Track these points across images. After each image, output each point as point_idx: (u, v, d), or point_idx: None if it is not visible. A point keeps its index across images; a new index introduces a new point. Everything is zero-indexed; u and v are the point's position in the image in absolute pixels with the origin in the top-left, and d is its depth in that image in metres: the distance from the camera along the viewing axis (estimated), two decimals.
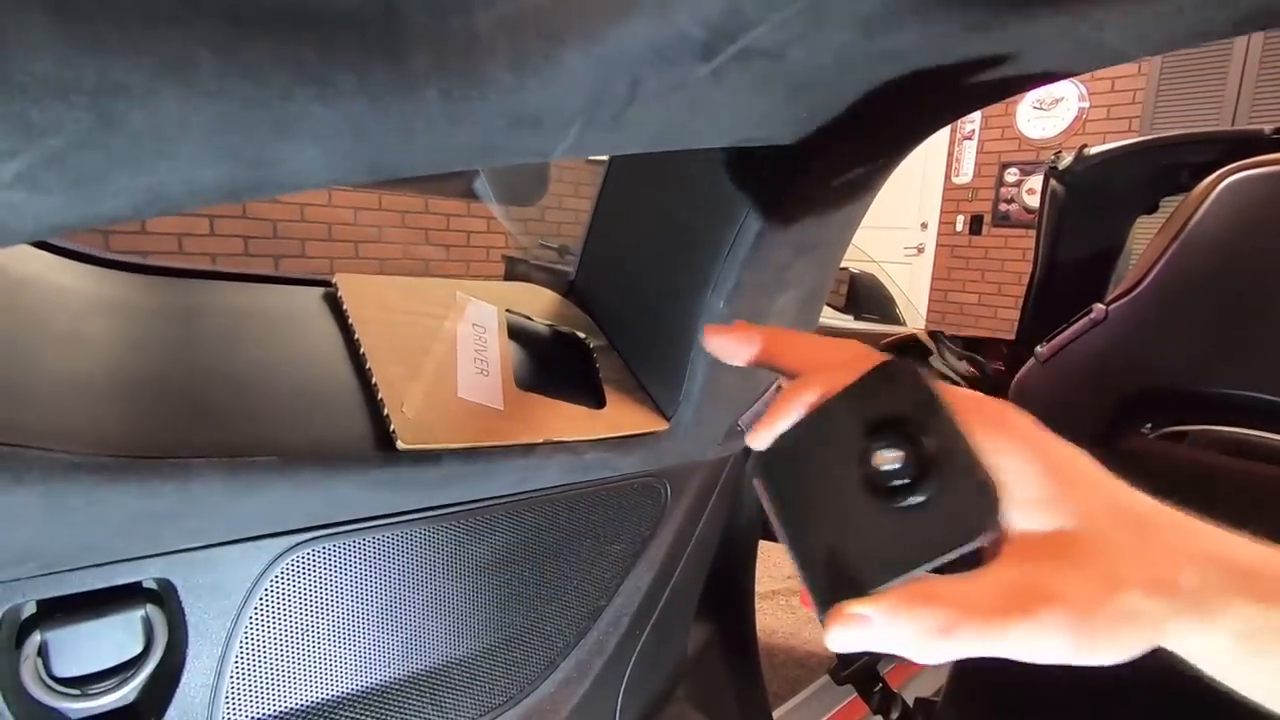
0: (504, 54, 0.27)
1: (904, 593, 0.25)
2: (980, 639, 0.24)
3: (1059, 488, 0.25)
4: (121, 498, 0.35)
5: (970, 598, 0.24)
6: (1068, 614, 0.23)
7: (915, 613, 0.24)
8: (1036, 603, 0.23)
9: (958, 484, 0.24)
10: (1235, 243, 0.79)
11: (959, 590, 0.24)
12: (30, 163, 0.20)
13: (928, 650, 0.24)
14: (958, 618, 0.24)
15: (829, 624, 0.25)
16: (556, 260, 2.16)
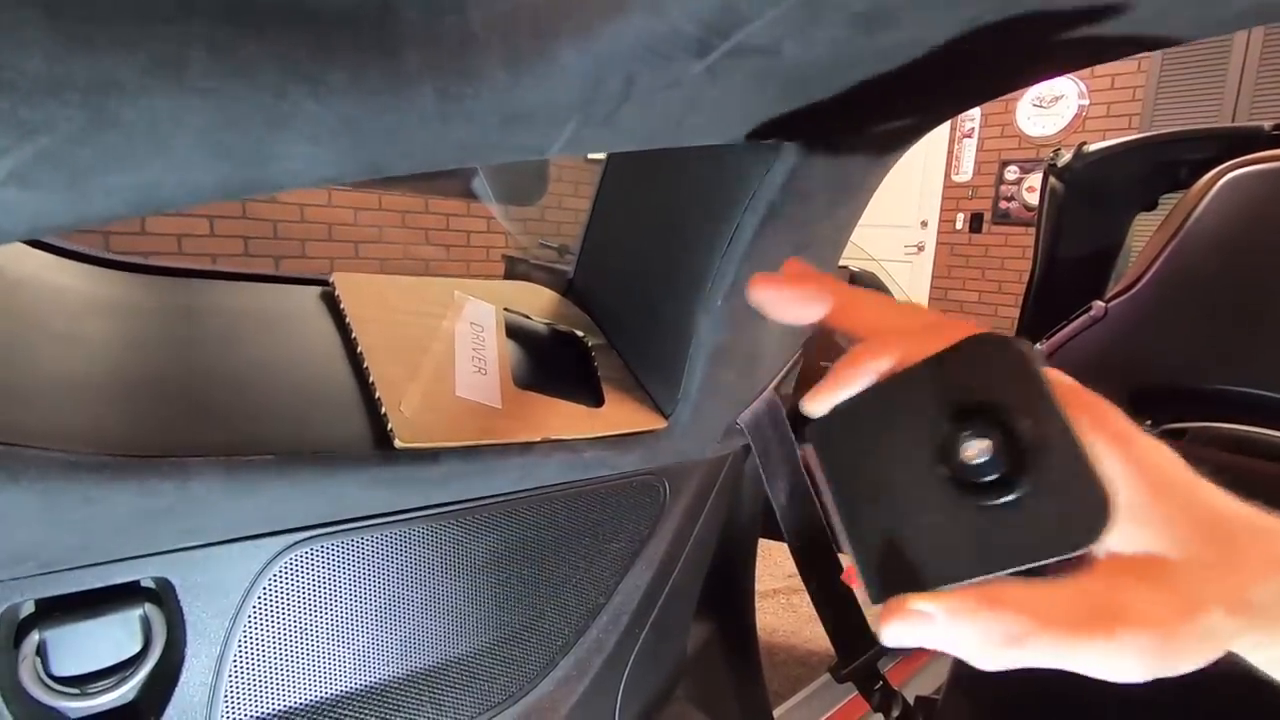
0: (498, 51, 0.27)
1: (974, 593, 0.23)
2: (1052, 652, 0.22)
3: (1149, 495, 0.23)
4: (119, 497, 0.35)
5: (1048, 608, 0.22)
6: (1149, 637, 0.22)
7: (985, 616, 0.22)
8: (1117, 622, 0.22)
9: (1063, 487, 0.22)
10: (1235, 239, 0.79)
11: (1036, 597, 0.23)
12: (22, 160, 0.20)
13: (992, 657, 0.23)
14: (1032, 628, 0.22)
15: (887, 617, 0.23)
16: (556, 259, 2.16)
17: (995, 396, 0.23)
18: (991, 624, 0.22)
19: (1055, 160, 1.54)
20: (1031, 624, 0.22)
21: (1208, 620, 0.22)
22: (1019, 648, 0.22)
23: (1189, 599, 0.22)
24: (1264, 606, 0.22)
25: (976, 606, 0.22)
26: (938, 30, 0.35)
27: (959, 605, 0.22)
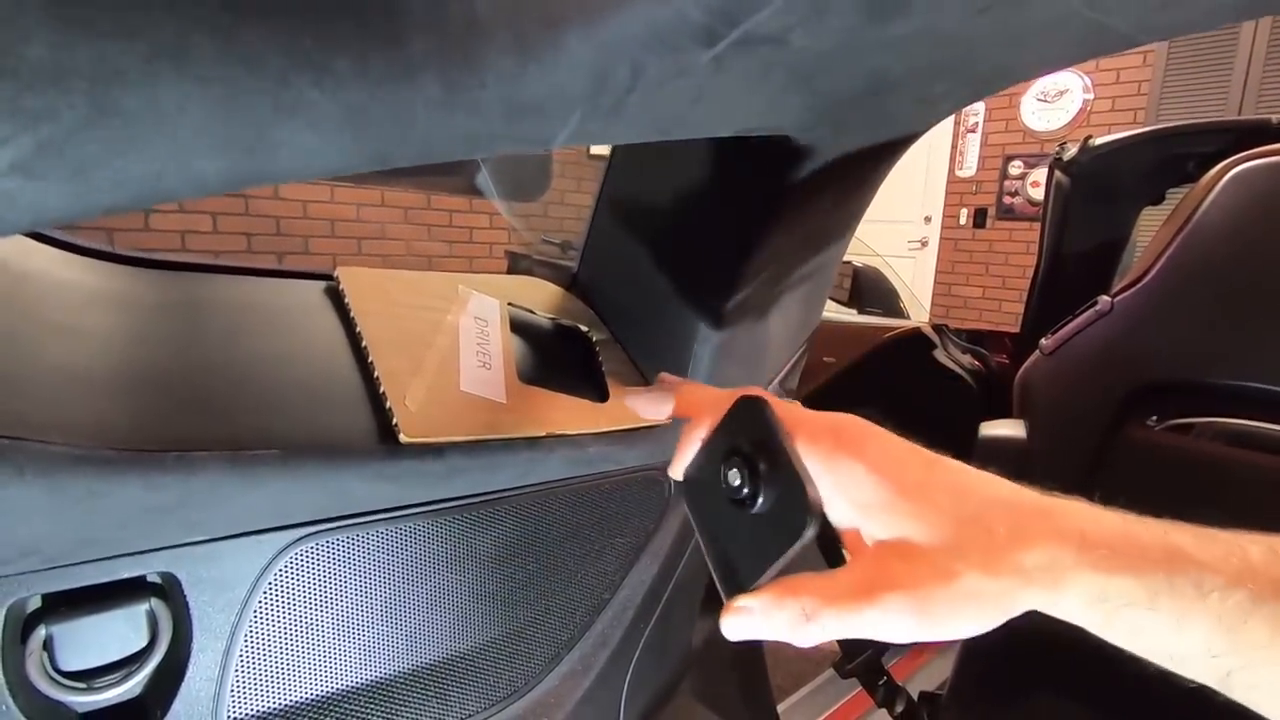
0: (504, 40, 0.26)
1: (776, 587, 0.29)
2: (839, 622, 0.28)
3: (895, 493, 0.29)
4: (125, 491, 0.35)
5: (829, 589, 0.29)
6: (907, 598, 0.27)
7: (784, 603, 0.29)
8: (881, 590, 0.28)
9: (784, 493, 0.30)
10: (1242, 233, 0.78)
11: (820, 584, 0.29)
12: (25, 150, 0.20)
13: (799, 634, 0.29)
14: (818, 605, 0.29)
15: (724, 615, 0.30)
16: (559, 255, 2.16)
17: (739, 441, 0.32)
18: (790, 608, 0.29)
19: (1061, 154, 1.53)
20: (818, 602, 0.29)
21: (961, 583, 0.27)
22: (815, 623, 0.28)
23: (940, 567, 0.27)
24: (1032, 568, 0.27)
25: (779, 597, 0.29)
26: (946, 20, 0.35)
27: (766, 598, 0.29)
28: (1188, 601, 0.25)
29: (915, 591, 0.27)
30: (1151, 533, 0.27)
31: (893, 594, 0.27)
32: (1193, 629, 0.26)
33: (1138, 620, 0.26)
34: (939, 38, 0.37)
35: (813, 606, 0.28)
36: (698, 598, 0.83)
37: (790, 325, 0.68)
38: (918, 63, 0.40)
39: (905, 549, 0.28)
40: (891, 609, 0.27)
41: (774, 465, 0.30)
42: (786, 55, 0.34)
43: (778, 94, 0.39)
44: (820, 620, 0.28)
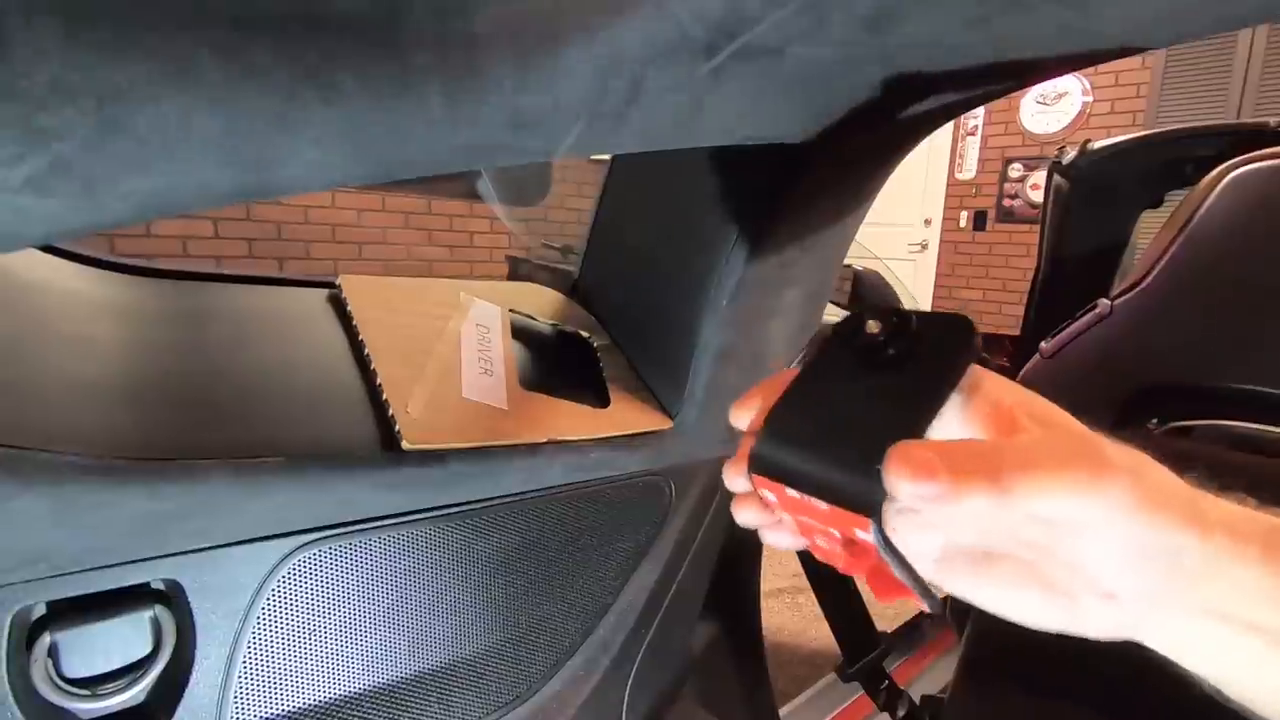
0: (505, 54, 0.27)
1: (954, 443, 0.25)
2: (1033, 487, 0.23)
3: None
4: (129, 500, 0.35)
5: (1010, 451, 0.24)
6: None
7: (971, 456, 0.24)
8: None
9: (937, 341, 0.26)
10: (1241, 237, 0.78)
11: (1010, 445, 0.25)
12: (38, 167, 0.20)
13: (994, 494, 0.23)
14: (1012, 468, 0.24)
15: (893, 464, 0.23)
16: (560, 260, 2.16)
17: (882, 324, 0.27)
18: (979, 464, 0.23)
19: (1060, 157, 1.54)
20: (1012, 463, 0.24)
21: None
22: (1005, 487, 0.24)
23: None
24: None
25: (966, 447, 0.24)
26: (942, 30, 0.35)
27: (952, 447, 0.24)
28: None
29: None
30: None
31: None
32: None
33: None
34: (935, 48, 0.37)
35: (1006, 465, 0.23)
36: (699, 602, 0.84)
37: (791, 330, 0.68)
38: (915, 73, 0.40)
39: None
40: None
41: (921, 324, 0.27)
42: (784, 66, 0.34)
43: (776, 104, 0.40)
44: (1013, 485, 0.23)
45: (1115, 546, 0.24)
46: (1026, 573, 0.26)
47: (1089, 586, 0.26)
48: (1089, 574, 0.25)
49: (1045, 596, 0.26)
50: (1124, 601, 0.25)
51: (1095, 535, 0.24)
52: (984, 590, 0.27)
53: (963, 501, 0.23)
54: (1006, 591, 0.27)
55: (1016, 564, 0.27)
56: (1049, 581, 0.26)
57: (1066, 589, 0.26)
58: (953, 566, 0.27)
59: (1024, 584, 0.26)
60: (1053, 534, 0.25)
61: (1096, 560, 0.25)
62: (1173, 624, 0.26)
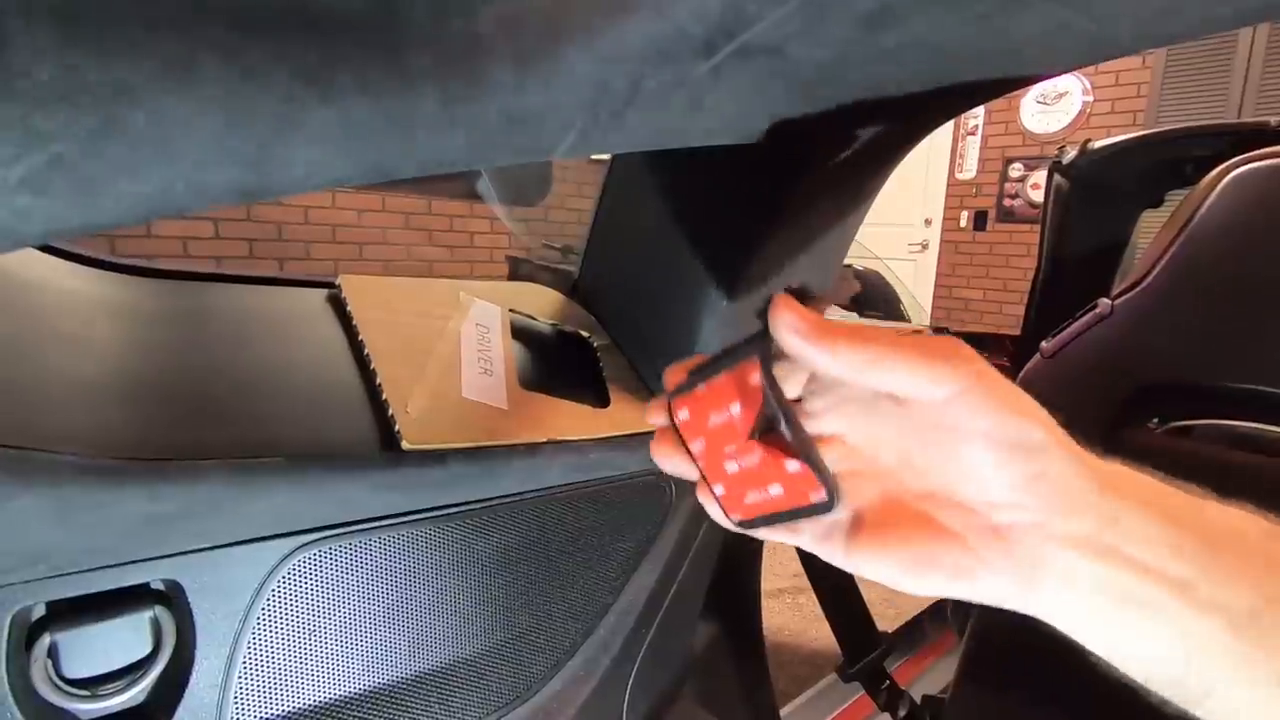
0: (504, 53, 0.27)
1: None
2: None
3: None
4: (129, 500, 0.35)
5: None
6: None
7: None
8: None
9: None
10: (1241, 236, 0.78)
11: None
12: (35, 167, 0.20)
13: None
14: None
15: (777, 301, 0.27)
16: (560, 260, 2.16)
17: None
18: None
19: (1060, 157, 1.54)
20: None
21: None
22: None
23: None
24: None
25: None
26: (942, 30, 0.35)
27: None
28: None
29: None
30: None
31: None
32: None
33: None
34: (935, 47, 0.37)
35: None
36: (699, 602, 0.84)
37: None
38: (914, 72, 0.40)
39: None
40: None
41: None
42: (784, 65, 0.34)
43: (776, 103, 0.40)
44: (852, 348, 0.26)
45: (977, 441, 0.25)
46: (920, 528, 0.27)
47: (975, 521, 0.26)
48: (967, 494, 0.26)
49: (939, 548, 0.27)
50: (1014, 537, 0.26)
51: (952, 432, 0.26)
52: (885, 556, 0.28)
53: (818, 352, 0.26)
54: (903, 551, 0.27)
55: (911, 520, 0.28)
56: (940, 531, 0.27)
57: (960, 535, 0.27)
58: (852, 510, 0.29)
59: (919, 540, 0.27)
60: (924, 442, 0.27)
61: (965, 468, 0.26)
62: (1064, 568, 0.25)
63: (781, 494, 0.28)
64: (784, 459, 0.28)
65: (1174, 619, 0.25)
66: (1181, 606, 0.24)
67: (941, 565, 0.27)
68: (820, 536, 0.30)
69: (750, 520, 0.30)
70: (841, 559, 0.29)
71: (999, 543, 0.26)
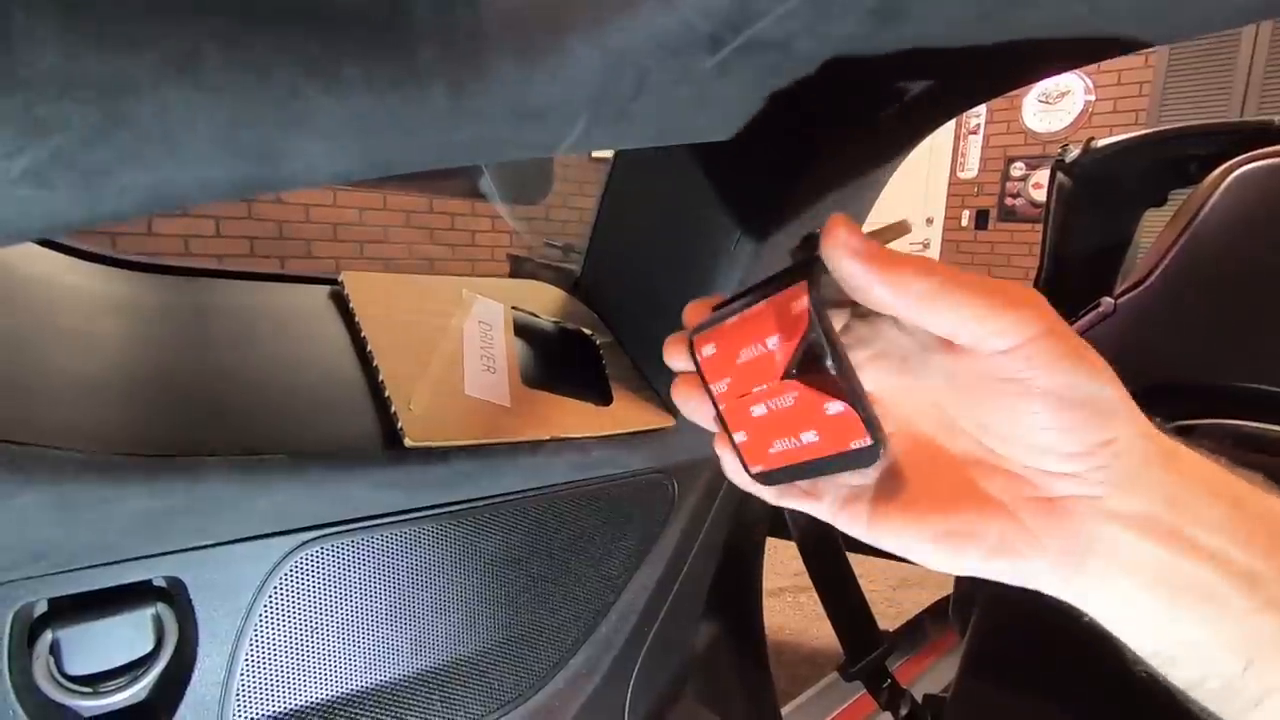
0: (510, 47, 0.27)
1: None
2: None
3: None
4: (131, 496, 0.35)
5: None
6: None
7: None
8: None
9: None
10: (1245, 235, 0.78)
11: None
12: (37, 159, 0.20)
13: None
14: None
15: (832, 222, 0.24)
16: (562, 258, 2.16)
17: None
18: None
19: (1063, 156, 1.53)
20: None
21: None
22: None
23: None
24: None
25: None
26: (947, 25, 0.35)
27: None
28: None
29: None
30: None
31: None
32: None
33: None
34: (941, 42, 0.37)
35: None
36: (701, 601, 0.83)
37: None
38: (921, 67, 0.40)
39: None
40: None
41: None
42: (790, 60, 0.34)
43: (782, 98, 0.39)
44: (919, 284, 0.23)
45: (1043, 399, 0.22)
46: (960, 497, 0.25)
47: (1025, 491, 0.24)
48: (1021, 459, 0.24)
49: (981, 520, 0.24)
50: (1068, 511, 0.23)
51: (1015, 388, 0.23)
52: (917, 527, 0.25)
53: (880, 279, 0.23)
54: (938, 522, 0.25)
55: (949, 489, 0.25)
56: (984, 501, 0.24)
57: (1006, 507, 0.24)
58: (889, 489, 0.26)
59: (958, 510, 0.24)
60: (977, 399, 0.24)
61: (1024, 429, 0.23)
62: (1121, 549, 0.23)
63: (816, 440, 0.25)
64: (824, 400, 0.25)
65: (1239, 615, 0.22)
66: (1248, 601, 0.22)
67: (982, 539, 0.24)
68: (842, 501, 0.27)
69: (774, 471, 0.27)
70: (863, 529, 0.26)
71: (1050, 517, 0.23)
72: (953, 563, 0.24)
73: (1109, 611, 0.24)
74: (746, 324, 0.27)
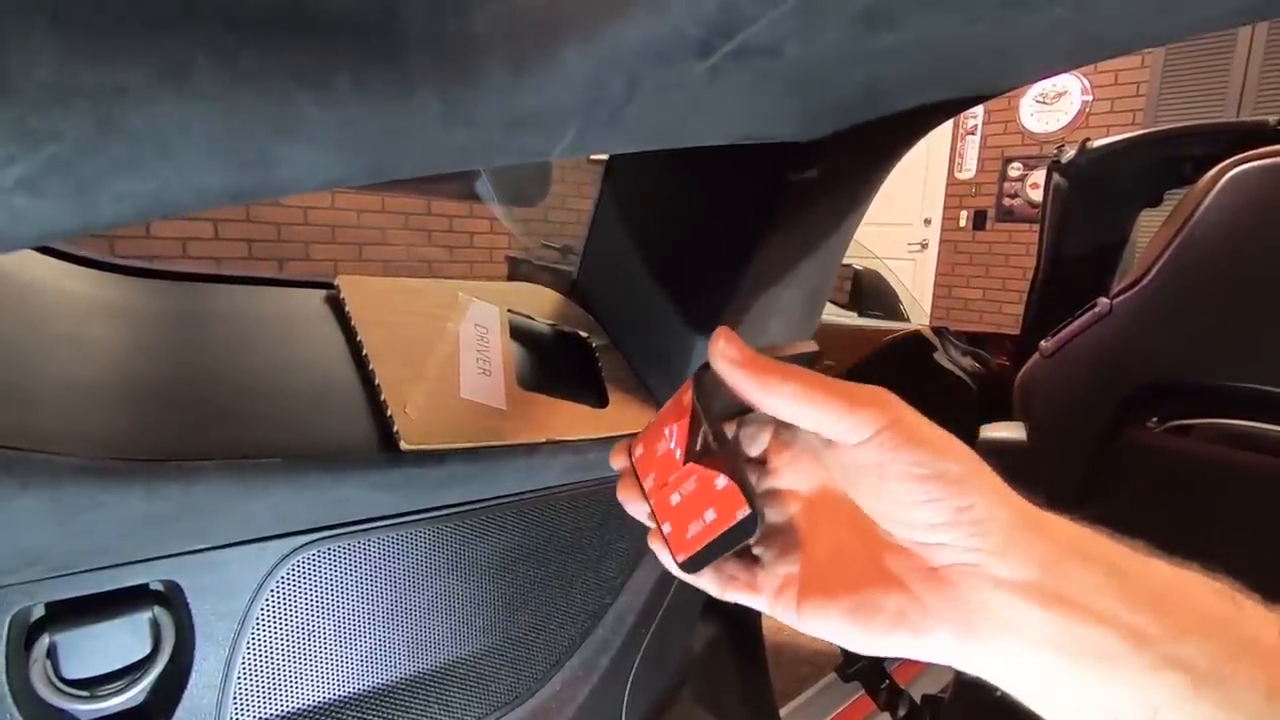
0: (501, 54, 0.27)
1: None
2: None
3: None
4: (127, 500, 0.35)
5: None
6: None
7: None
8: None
9: None
10: (1240, 235, 0.78)
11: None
12: (31, 168, 0.20)
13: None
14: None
15: (716, 332, 0.28)
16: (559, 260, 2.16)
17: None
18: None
19: (1060, 156, 1.54)
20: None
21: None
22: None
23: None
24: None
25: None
26: (938, 29, 0.35)
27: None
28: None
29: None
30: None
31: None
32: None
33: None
34: (933, 47, 0.37)
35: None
36: (699, 602, 0.84)
37: (790, 329, 0.68)
38: (912, 71, 0.40)
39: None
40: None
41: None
42: (781, 65, 0.34)
43: (773, 103, 0.40)
44: (773, 384, 0.27)
45: (898, 478, 0.25)
46: (864, 575, 0.27)
47: (914, 564, 0.26)
48: (901, 535, 0.26)
49: (881, 593, 0.26)
50: (953, 580, 0.25)
51: (877, 472, 0.26)
52: (831, 606, 0.28)
53: (749, 381, 0.27)
54: (847, 599, 0.27)
55: (857, 569, 0.28)
56: (884, 577, 0.27)
57: (902, 580, 0.26)
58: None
59: (862, 586, 0.27)
60: (857, 486, 0.27)
61: (894, 507, 0.26)
62: (1009, 615, 0.24)
63: (715, 518, 0.28)
64: (714, 477, 0.28)
65: (1135, 676, 0.23)
66: (1142, 661, 0.23)
67: (883, 611, 0.26)
68: (775, 591, 0.30)
69: (694, 557, 0.30)
70: (794, 615, 0.29)
71: (936, 586, 0.25)
72: (864, 638, 0.27)
73: (1011, 679, 0.26)
74: (659, 422, 0.31)
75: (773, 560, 0.31)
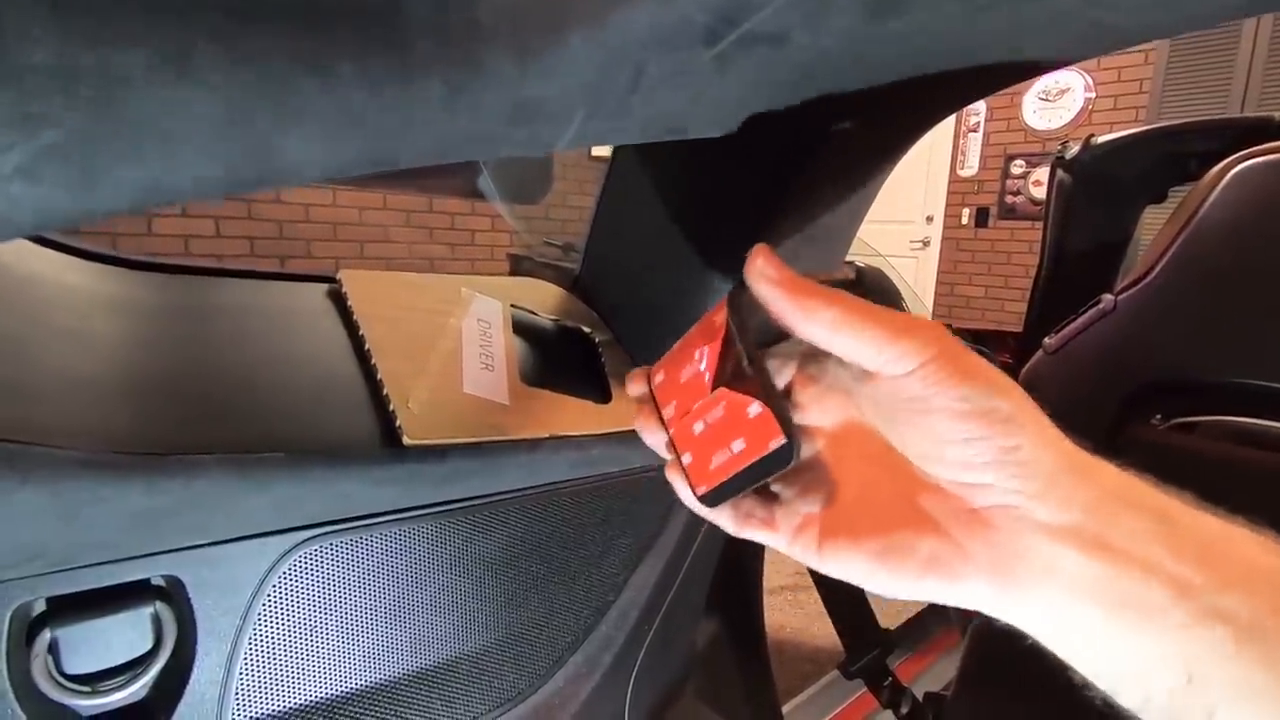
0: (506, 42, 0.26)
1: None
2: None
3: None
4: (128, 495, 0.35)
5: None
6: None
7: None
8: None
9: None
10: (1245, 231, 0.78)
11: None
12: (29, 155, 0.20)
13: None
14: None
15: (755, 249, 0.27)
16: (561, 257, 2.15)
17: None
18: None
19: (1063, 153, 1.53)
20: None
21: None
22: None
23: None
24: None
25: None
26: (946, 18, 0.35)
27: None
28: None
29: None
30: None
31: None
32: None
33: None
34: (939, 36, 0.37)
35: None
36: (702, 599, 0.83)
37: None
38: (918, 61, 0.40)
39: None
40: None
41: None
42: (787, 54, 0.34)
43: (779, 93, 0.39)
44: (818, 309, 0.25)
45: (944, 414, 0.24)
46: (895, 516, 0.26)
47: (952, 505, 0.25)
48: (941, 475, 0.25)
49: (914, 535, 0.25)
50: (994, 523, 0.24)
51: (921, 407, 0.24)
52: (857, 548, 0.26)
53: (789, 303, 0.25)
54: (875, 540, 0.26)
55: (886, 509, 0.26)
56: (917, 517, 0.25)
57: (938, 522, 0.25)
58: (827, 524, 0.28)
59: (893, 527, 0.26)
60: (895, 421, 0.26)
61: (936, 445, 0.24)
62: (1050, 561, 0.23)
63: (744, 448, 0.27)
64: (746, 404, 0.27)
65: (1176, 627, 0.22)
66: (1183, 615, 0.22)
67: (915, 554, 0.25)
68: (795, 530, 0.28)
69: (716, 489, 0.28)
70: (815, 556, 0.27)
71: (976, 529, 0.24)
72: (891, 582, 0.25)
73: (1045, 627, 0.25)
74: (684, 346, 0.30)
75: (793, 498, 0.29)
